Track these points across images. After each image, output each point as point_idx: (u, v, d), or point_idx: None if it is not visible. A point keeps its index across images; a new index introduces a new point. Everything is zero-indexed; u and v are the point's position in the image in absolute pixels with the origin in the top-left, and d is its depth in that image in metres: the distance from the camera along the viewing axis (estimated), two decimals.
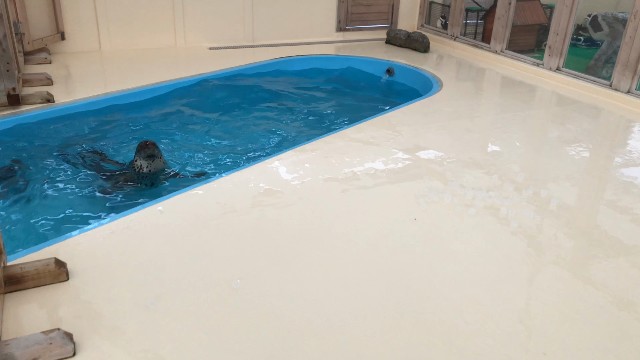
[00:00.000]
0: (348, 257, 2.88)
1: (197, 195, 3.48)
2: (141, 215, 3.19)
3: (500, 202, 3.51)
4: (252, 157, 4.58)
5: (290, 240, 3.01)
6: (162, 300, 2.47)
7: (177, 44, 7.41)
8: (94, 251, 2.81)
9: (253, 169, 3.90)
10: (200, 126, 5.28)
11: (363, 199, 3.53)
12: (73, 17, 6.73)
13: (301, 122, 5.56)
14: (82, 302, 2.43)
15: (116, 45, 7.07)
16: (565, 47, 6.41)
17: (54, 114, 4.93)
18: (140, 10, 7.06)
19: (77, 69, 6.23)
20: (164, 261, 2.77)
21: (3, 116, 4.66)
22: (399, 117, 5.11)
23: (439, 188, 3.68)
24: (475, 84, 6.59)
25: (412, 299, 2.56)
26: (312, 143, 4.42)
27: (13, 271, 2.45)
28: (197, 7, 7.36)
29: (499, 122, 5.12)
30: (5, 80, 4.65)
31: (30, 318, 2.32)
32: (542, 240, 3.12)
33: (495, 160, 4.20)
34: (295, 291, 2.58)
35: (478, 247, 3.03)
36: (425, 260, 2.88)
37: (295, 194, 3.54)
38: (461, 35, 8.15)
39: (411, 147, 4.38)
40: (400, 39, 8.11)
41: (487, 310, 2.51)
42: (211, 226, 3.12)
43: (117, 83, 5.71)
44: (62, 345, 2.10)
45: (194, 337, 2.27)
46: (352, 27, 8.50)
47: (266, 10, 7.79)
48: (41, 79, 5.47)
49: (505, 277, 2.77)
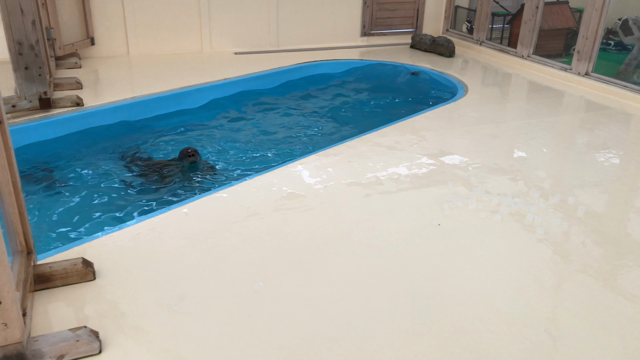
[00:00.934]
0: (370, 262, 2.87)
1: (221, 198, 3.52)
2: (166, 218, 3.24)
3: (526, 209, 3.46)
4: (275, 161, 4.61)
5: (312, 245, 3.02)
6: (185, 301, 2.50)
7: (203, 49, 7.52)
8: (120, 252, 2.86)
9: (276, 172, 3.92)
10: (225, 130, 5.33)
11: (386, 204, 3.52)
12: (102, 23, 6.89)
13: (324, 126, 5.57)
14: (108, 302, 2.47)
15: (144, 50, 7.20)
16: (594, 51, 6.29)
17: (82, 117, 5.04)
18: (167, 16, 7.18)
19: (105, 73, 6.37)
20: (187, 263, 2.80)
21: (35, 119, 4.79)
22: (423, 122, 5.08)
23: (463, 194, 3.64)
24: (501, 89, 6.51)
25: (434, 306, 2.54)
26: (335, 147, 4.43)
27: (42, 270, 2.52)
28: (223, 13, 7.45)
29: (525, 127, 5.05)
30: (37, 84, 4.78)
31: (58, 316, 2.37)
32: (569, 248, 3.06)
33: (521, 166, 4.14)
34: (316, 296, 2.58)
35: (503, 254, 2.99)
36: (448, 267, 2.85)
37: (318, 198, 3.54)
38: (487, 40, 8.07)
39: (435, 152, 4.35)
40: (425, 43, 8.07)
41: (511, 318, 2.47)
42: (234, 229, 3.15)
43: (144, 87, 5.81)
44: (88, 342, 2.14)
45: (215, 338, 2.29)
46: (376, 32, 8.50)
47: (291, 15, 7.84)
48: (71, 83, 5.60)
49: (530, 285, 2.72)
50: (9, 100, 4.73)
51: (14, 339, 1.99)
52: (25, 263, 2.42)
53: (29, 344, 2.09)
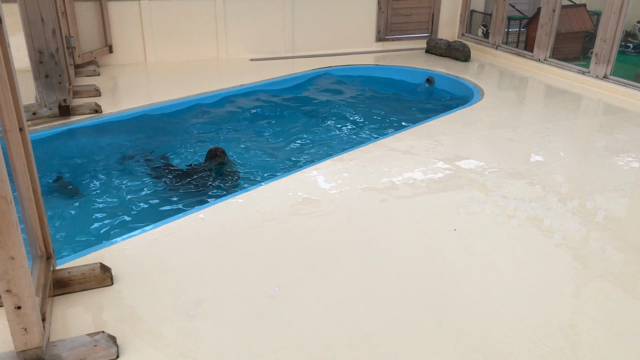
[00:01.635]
0: (385, 267, 2.86)
1: (237, 203, 3.54)
2: (183, 223, 3.27)
3: (543, 214, 3.42)
4: (291, 166, 4.62)
5: (327, 250, 3.01)
6: (202, 306, 2.51)
7: (220, 56, 7.58)
8: (137, 257, 2.89)
9: (292, 177, 3.93)
10: (241, 136, 5.37)
11: (401, 208, 3.50)
12: (121, 31, 7.00)
13: (339, 132, 5.58)
14: (125, 307, 2.50)
15: (161, 58, 7.29)
16: (613, 54, 6.20)
17: (101, 123, 5.11)
18: (184, 24, 7.26)
19: (123, 80, 6.46)
20: (204, 268, 2.82)
21: (55, 126, 4.87)
22: (438, 127, 5.05)
23: (480, 198, 3.61)
24: (517, 93, 6.45)
25: (451, 312, 2.52)
26: (350, 152, 4.43)
27: (61, 275, 2.55)
28: (239, 20, 7.52)
29: (542, 131, 5.00)
30: (57, 92, 4.87)
31: (76, 320, 2.40)
32: (587, 253, 3.02)
33: (539, 171, 4.09)
34: (332, 301, 2.58)
35: (520, 259, 2.95)
36: (465, 272, 2.82)
37: (333, 203, 3.54)
38: (503, 44, 8.01)
39: (451, 157, 4.32)
40: (440, 48, 8.04)
41: (529, 324, 2.43)
42: (250, 234, 3.16)
43: (162, 94, 5.88)
44: (106, 347, 2.16)
45: (232, 344, 2.30)
46: (391, 37, 8.49)
47: (306, 21, 7.88)
48: (90, 91, 5.69)
49: (548, 290, 2.68)
50: (30, 107, 4.82)
51: (33, 343, 2.02)
52: (44, 268, 2.46)
53: (48, 349, 2.12)
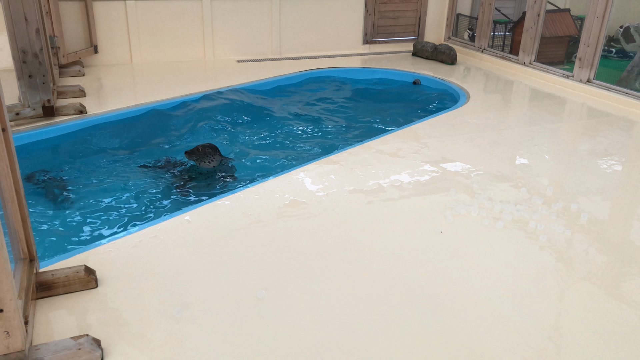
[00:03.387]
0: (372, 269, 2.87)
1: (223, 205, 3.52)
2: (169, 225, 3.24)
3: (528, 216, 3.45)
4: (277, 168, 4.61)
5: (314, 252, 3.01)
6: (188, 309, 2.49)
7: (206, 57, 7.55)
8: (122, 259, 2.86)
9: (279, 179, 3.92)
10: (227, 137, 5.34)
11: (388, 211, 3.51)
12: (106, 31, 6.93)
13: (326, 134, 5.58)
14: (110, 310, 2.47)
15: (147, 58, 7.24)
16: (596, 58, 6.30)
17: (86, 124, 5.06)
18: (170, 25, 7.22)
19: (109, 81, 6.40)
20: (190, 270, 2.80)
21: (38, 127, 4.81)
22: (425, 129, 5.08)
23: (466, 201, 3.64)
24: (503, 96, 6.52)
25: (437, 313, 2.53)
26: (337, 154, 4.43)
27: (44, 277, 2.51)
28: (226, 21, 7.49)
29: (527, 134, 5.05)
30: (41, 92, 4.81)
31: (60, 324, 2.37)
32: (572, 255, 3.05)
33: (524, 173, 4.13)
34: (319, 303, 2.58)
35: (506, 261, 2.98)
36: (451, 274, 2.84)
37: (320, 205, 3.54)
38: (489, 47, 8.09)
39: (438, 160, 4.35)
40: (427, 51, 8.10)
41: (514, 326, 2.45)
42: (237, 236, 3.14)
43: (148, 95, 5.83)
44: (90, 351, 2.13)
45: (218, 347, 2.28)
46: (378, 40, 8.53)
47: (293, 23, 7.88)
48: (74, 91, 5.63)
49: (533, 292, 2.71)
50: (13, 108, 4.76)
51: (15, 347, 1.98)
52: (27, 271, 2.42)
53: (31, 353, 2.08)
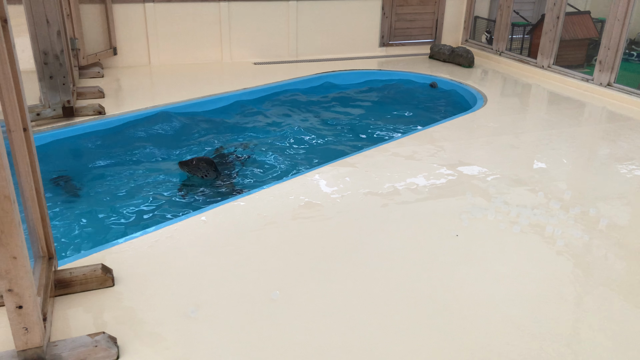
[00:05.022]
0: (387, 272, 2.85)
1: (238, 206, 3.54)
2: (185, 225, 3.27)
3: (545, 221, 3.41)
4: (293, 170, 4.62)
5: (328, 254, 3.01)
6: (202, 309, 2.51)
7: (223, 59, 7.60)
8: (138, 259, 2.89)
9: (294, 181, 3.93)
10: (243, 139, 5.37)
11: (403, 214, 3.50)
12: (125, 33, 7.02)
13: (342, 136, 5.58)
14: (126, 308, 2.49)
15: (165, 60, 7.31)
16: (617, 62, 6.20)
17: (104, 125, 5.13)
18: (188, 27, 7.29)
19: (127, 82, 6.48)
20: (205, 270, 2.82)
21: (58, 127, 4.88)
22: (441, 132, 5.05)
23: (482, 205, 3.61)
24: (520, 100, 6.46)
25: (452, 318, 2.51)
26: (352, 157, 4.43)
27: (63, 275, 2.55)
28: (243, 24, 7.54)
29: (545, 138, 4.99)
30: (61, 93, 4.89)
31: (77, 321, 2.40)
32: (590, 260, 3.01)
33: (541, 178, 4.09)
34: (332, 306, 2.57)
35: (522, 266, 2.94)
36: (466, 279, 2.82)
37: (335, 207, 3.54)
38: (507, 50, 8.02)
39: (454, 163, 4.32)
40: (444, 53, 8.06)
41: (531, 332, 2.43)
42: (252, 237, 3.16)
43: (165, 96, 5.89)
44: (106, 348, 2.16)
45: (231, 347, 2.29)
46: (395, 42, 8.51)
47: (310, 25, 7.90)
48: (94, 92, 5.71)
49: (550, 298, 2.67)
50: (34, 108, 4.84)
51: (34, 343, 2.02)
52: (46, 268, 2.46)
53: (49, 349, 2.12)
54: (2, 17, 2.09)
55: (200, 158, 4.38)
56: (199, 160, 4.33)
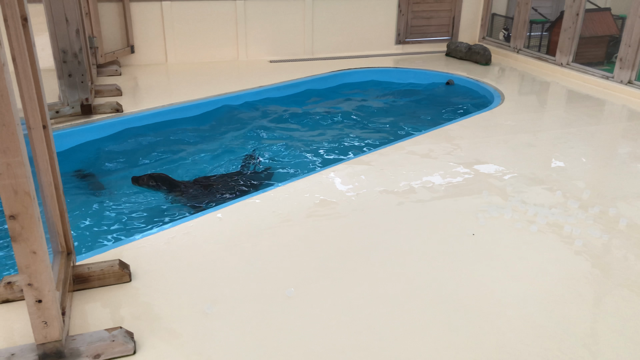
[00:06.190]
0: (402, 271, 2.84)
1: (254, 203, 3.55)
2: (201, 222, 3.29)
3: (563, 220, 3.37)
4: (308, 168, 4.63)
5: (343, 252, 3.01)
6: (218, 305, 2.52)
7: (239, 57, 7.63)
8: (155, 255, 2.92)
9: (309, 179, 3.93)
10: (259, 136, 5.39)
11: (419, 212, 3.48)
12: (142, 31, 7.08)
13: (357, 134, 5.57)
14: (143, 304, 2.52)
15: (181, 59, 7.36)
16: (637, 59, 6.09)
17: (122, 123, 5.18)
18: (205, 25, 7.33)
19: (144, 80, 6.54)
20: (220, 267, 2.83)
21: (76, 125, 4.95)
22: (458, 130, 5.01)
23: (499, 203, 3.57)
24: (538, 98, 6.38)
25: (467, 318, 2.49)
26: (368, 155, 4.42)
27: (81, 270, 2.59)
28: (259, 22, 7.56)
29: (563, 136, 4.93)
30: (79, 91, 4.95)
31: (94, 316, 2.43)
32: (609, 261, 2.96)
33: (559, 176, 4.04)
34: (347, 303, 2.57)
35: (539, 265, 2.91)
36: (482, 278, 2.79)
37: (350, 205, 3.54)
38: (525, 48, 7.93)
39: (470, 161, 4.28)
40: (460, 51, 7.99)
41: (547, 332, 2.40)
42: (267, 235, 3.17)
43: (182, 94, 5.93)
44: (123, 343, 2.18)
45: (247, 344, 2.30)
46: (411, 40, 8.46)
47: (326, 23, 7.89)
48: (111, 90, 5.77)
49: (568, 298, 2.64)
50: (53, 106, 4.91)
51: (53, 337, 2.05)
52: (65, 263, 2.50)
53: (67, 343, 2.15)
54: (22, 15, 2.12)
55: (152, 175, 4.24)
56: (150, 178, 4.20)
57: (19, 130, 1.74)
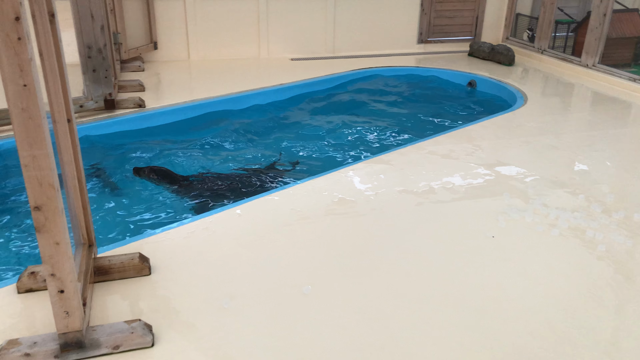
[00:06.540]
0: (420, 271, 2.83)
1: (273, 200, 3.56)
2: (220, 217, 3.31)
3: (586, 224, 3.31)
4: (326, 166, 4.62)
5: (361, 251, 3.00)
6: (235, 300, 2.54)
7: (261, 55, 7.66)
8: (174, 249, 2.94)
9: (328, 177, 3.93)
10: (277, 134, 5.40)
11: (438, 213, 3.46)
12: (165, 28, 7.15)
13: (377, 133, 5.55)
14: (161, 297, 2.55)
15: (204, 55, 7.42)
16: None
17: (144, 118, 5.24)
18: (227, 23, 7.37)
19: (166, 76, 6.60)
20: (239, 262, 2.85)
21: (100, 119, 5.02)
22: (479, 131, 4.96)
23: (519, 206, 3.53)
24: (562, 99, 6.27)
25: (484, 319, 2.46)
26: (387, 154, 4.40)
27: (102, 263, 2.63)
28: (281, 20, 7.57)
29: (587, 139, 4.84)
30: (103, 86, 5.02)
31: (114, 307, 2.47)
32: (633, 267, 2.90)
33: (583, 180, 3.97)
34: (363, 303, 2.56)
35: (560, 270, 2.87)
36: (501, 280, 2.76)
37: (369, 204, 3.53)
38: (549, 49, 7.81)
39: (492, 163, 4.24)
40: (483, 51, 7.90)
41: (568, 338, 2.36)
42: (285, 231, 3.17)
43: (203, 91, 5.98)
44: (142, 335, 2.21)
45: (262, 340, 2.31)
46: (433, 39, 8.40)
47: (347, 21, 7.87)
48: (134, 86, 5.84)
49: (589, 304, 2.60)
50: (77, 100, 4.98)
51: (74, 327, 2.08)
52: (86, 255, 2.53)
53: (88, 333, 2.18)
54: (50, 11, 2.15)
55: (153, 168, 4.26)
56: (151, 171, 4.22)
57: (44, 123, 1.77)
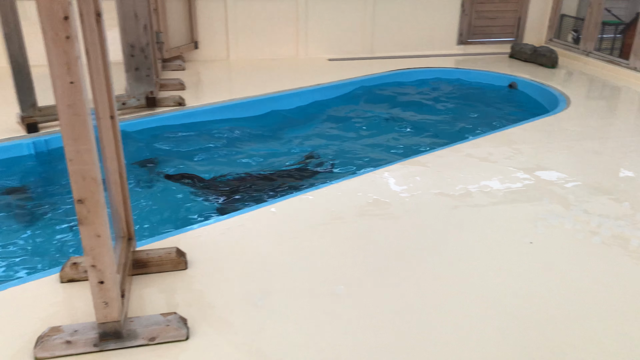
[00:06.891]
0: (454, 276, 2.79)
1: (307, 200, 3.58)
2: (255, 215, 3.35)
3: (630, 233, 3.19)
4: (362, 167, 4.61)
5: (394, 253, 2.98)
6: (269, 297, 2.56)
7: (299, 55, 7.71)
8: (211, 244, 3.00)
9: (362, 178, 3.92)
10: (314, 134, 5.42)
11: (475, 217, 3.40)
12: (206, 28, 7.28)
13: (414, 135, 5.50)
14: (197, 291, 2.60)
15: (243, 55, 7.52)
16: None
17: (184, 116, 5.35)
18: (266, 23, 7.45)
19: (206, 76, 6.72)
20: (273, 260, 2.88)
21: (142, 116, 5.15)
22: (519, 135, 4.86)
23: (559, 212, 3.44)
24: (608, 103, 6.07)
25: (520, 328, 2.41)
26: (424, 156, 4.35)
27: (140, 256, 2.70)
28: (319, 20, 7.60)
29: (633, 145, 4.67)
30: (145, 84, 5.15)
31: (151, 300, 2.53)
32: None
33: (627, 187, 3.83)
34: (396, 305, 2.55)
35: (601, 279, 2.78)
36: (539, 288, 2.70)
37: (403, 206, 3.50)
38: (595, 51, 7.57)
39: (531, 167, 4.14)
40: (525, 53, 7.73)
41: (609, 350, 2.29)
42: (319, 231, 3.19)
43: (242, 90, 6.06)
44: (177, 328, 2.26)
45: (295, 337, 2.33)
46: (474, 40, 8.26)
47: (386, 22, 7.83)
48: (175, 84, 5.97)
49: (630, 315, 2.50)
50: (120, 98, 5.13)
51: (112, 317, 2.15)
52: (125, 248, 2.61)
53: (125, 324, 2.24)
54: (96, 11, 2.23)
55: (183, 174, 4.40)
56: (182, 176, 4.36)
57: (89, 119, 1.83)
